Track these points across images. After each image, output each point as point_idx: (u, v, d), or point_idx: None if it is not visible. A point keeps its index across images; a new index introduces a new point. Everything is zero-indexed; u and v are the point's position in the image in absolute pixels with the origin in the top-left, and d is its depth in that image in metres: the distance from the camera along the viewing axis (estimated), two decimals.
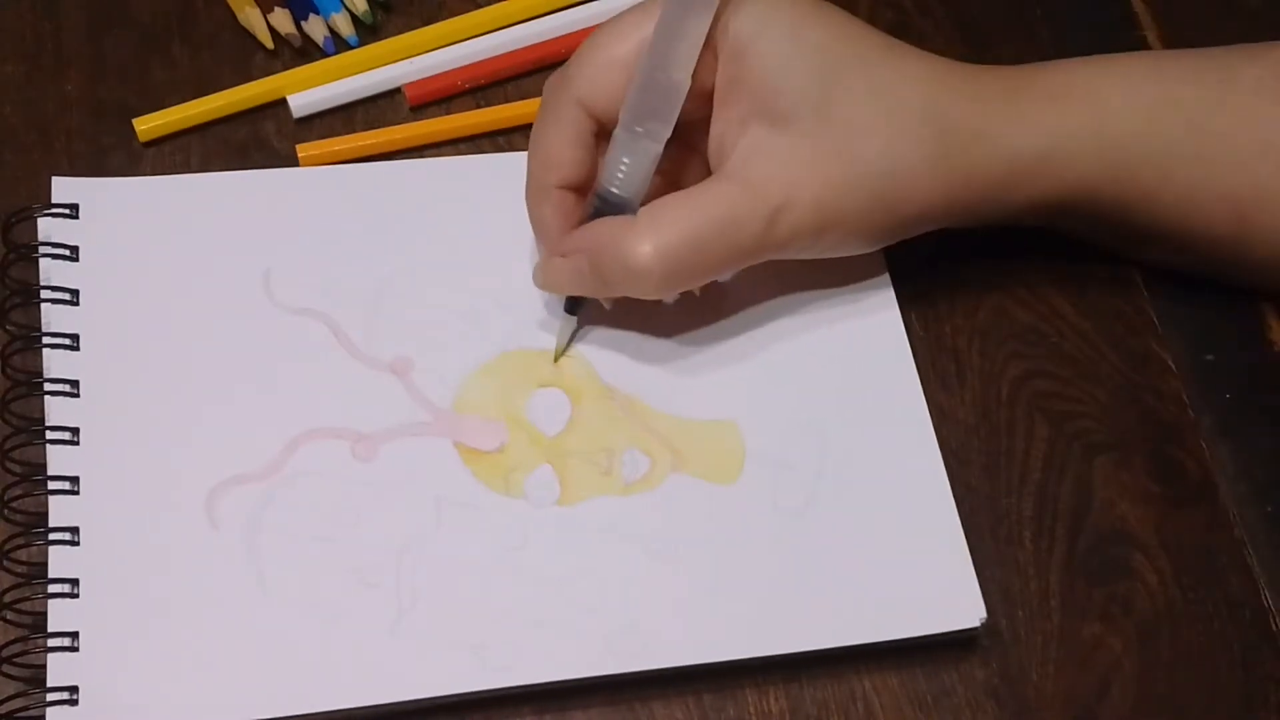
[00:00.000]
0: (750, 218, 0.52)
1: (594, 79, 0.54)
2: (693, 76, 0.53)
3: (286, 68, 0.63)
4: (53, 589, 0.50)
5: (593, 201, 0.55)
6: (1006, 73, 0.56)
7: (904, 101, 0.53)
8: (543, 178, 0.55)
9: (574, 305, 0.56)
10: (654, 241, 0.52)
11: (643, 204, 0.54)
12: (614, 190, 0.54)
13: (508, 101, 0.63)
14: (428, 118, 0.63)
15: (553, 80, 0.55)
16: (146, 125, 0.60)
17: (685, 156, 0.56)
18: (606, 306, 0.57)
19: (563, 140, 0.54)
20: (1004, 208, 0.55)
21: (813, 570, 0.53)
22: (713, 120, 0.54)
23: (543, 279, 0.56)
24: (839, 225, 0.53)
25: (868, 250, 0.56)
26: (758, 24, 0.52)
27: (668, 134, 0.53)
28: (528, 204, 0.56)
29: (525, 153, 0.61)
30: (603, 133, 0.54)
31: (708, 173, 0.55)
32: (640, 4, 0.54)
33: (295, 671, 0.50)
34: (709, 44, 0.53)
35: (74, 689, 0.49)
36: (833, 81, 0.53)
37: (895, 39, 0.55)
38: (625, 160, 0.53)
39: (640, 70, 0.53)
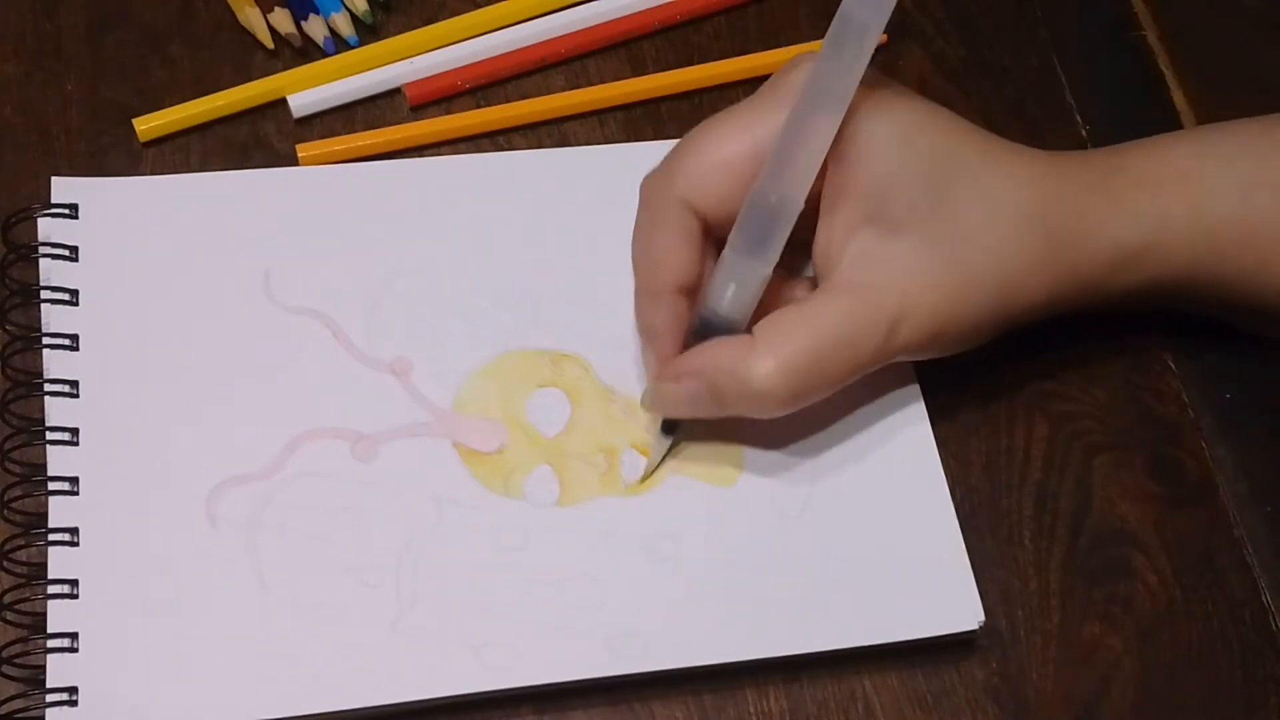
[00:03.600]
0: (870, 330, 0.52)
1: (700, 182, 0.53)
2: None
3: (286, 68, 0.63)
4: (52, 589, 0.50)
5: (697, 319, 0.53)
6: (1101, 159, 0.56)
7: (1011, 205, 0.53)
8: (652, 282, 0.53)
9: (671, 426, 0.55)
10: (775, 362, 0.51)
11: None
12: (720, 314, 0.53)
13: (508, 101, 0.63)
14: (428, 118, 0.63)
15: (654, 179, 0.54)
16: (146, 125, 0.60)
17: (786, 259, 0.54)
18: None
19: (671, 243, 0.53)
20: (1107, 296, 0.55)
21: (810, 572, 0.53)
22: (819, 226, 0.53)
23: (654, 402, 0.54)
24: (952, 330, 0.53)
25: (972, 348, 0.55)
26: (868, 132, 0.51)
27: (777, 257, 0.52)
28: (637, 310, 0.54)
29: (524, 151, 0.62)
30: (709, 232, 0.53)
31: (801, 273, 0.55)
32: (746, 102, 0.53)
33: (295, 672, 0.50)
34: None
35: (74, 690, 0.49)
36: (943, 188, 0.52)
37: (996, 136, 0.54)
38: (733, 285, 0.52)
39: (753, 193, 0.51)
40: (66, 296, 0.55)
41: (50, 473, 0.52)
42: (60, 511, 0.51)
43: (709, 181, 0.53)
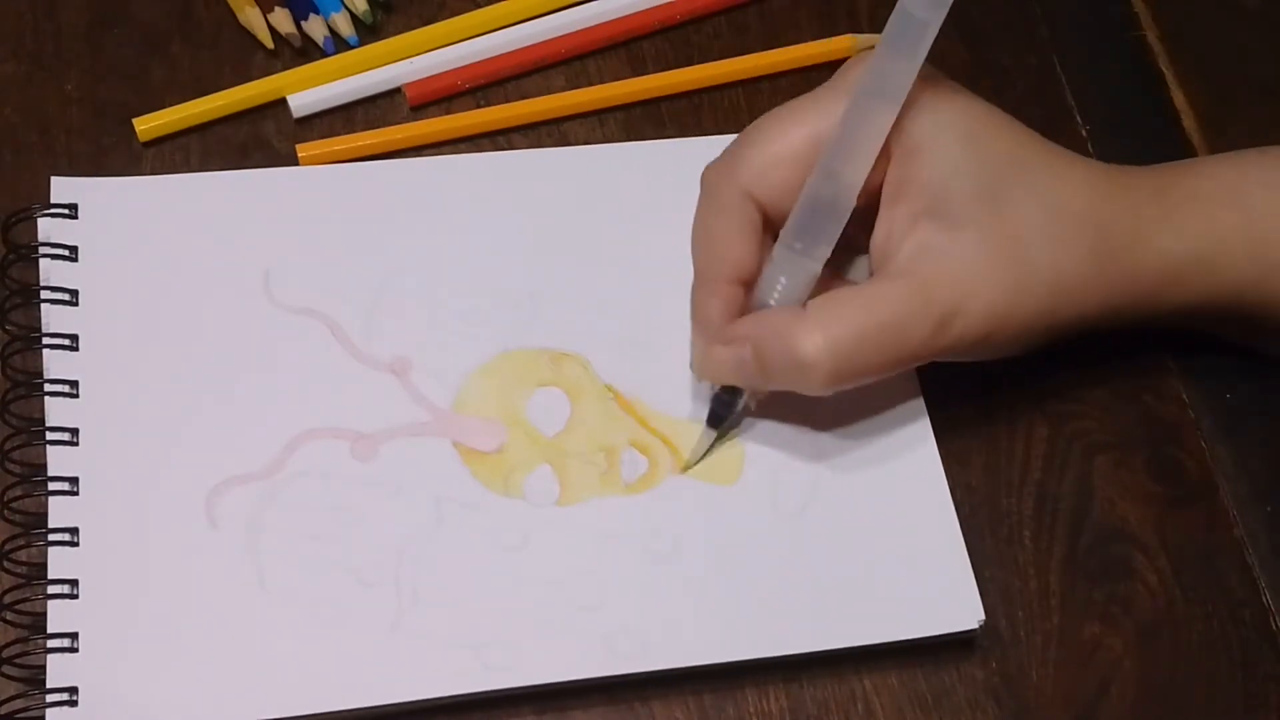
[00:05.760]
0: (921, 319, 0.52)
1: (762, 173, 0.53)
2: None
3: (286, 68, 0.63)
4: (52, 590, 0.50)
5: (751, 310, 0.54)
6: (1152, 175, 0.56)
7: (1068, 208, 0.53)
8: (710, 273, 0.54)
9: (718, 419, 0.55)
10: (825, 335, 0.51)
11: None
12: (772, 305, 0.53)
13: (508, 101, 0.63)
14: (428, 118, 0.63)
15: (716, 169, 0.54)
16: (146, 125, 0.60)
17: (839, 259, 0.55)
18: (751, 407, 0.56)
19: (731, 233, 0.53)
20: (1156, 310, 0.55)
21: (811, 571, 0.53)
22: (879, 218, 0.53)
23: (702, 367, 0.55)
24: (1005, 330, 0.53)
25: (1020, 354, 0.55)
26: (932, 127, 0.52)
27: (828, 254, 0.53)
28: (694, 297, 0.54)
29: (524, 151, 0.62)
30: (769, 224, 0.54)
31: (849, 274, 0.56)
32: (809, 95, 0.54)
33: (295, 672, 0.50)
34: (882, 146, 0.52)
35: (74, 690, 0.49)
36: (1003, 187, 0.53)
37: (1055, 144, 0.55)
38: (783, 278, 0.53)
39: (807, 189, 0.52)
40: (66, 296, 0.55)
41: (50, 473, 0.52)
42: (60, 511, 0.51)
43: (771, 173, 0.53)
